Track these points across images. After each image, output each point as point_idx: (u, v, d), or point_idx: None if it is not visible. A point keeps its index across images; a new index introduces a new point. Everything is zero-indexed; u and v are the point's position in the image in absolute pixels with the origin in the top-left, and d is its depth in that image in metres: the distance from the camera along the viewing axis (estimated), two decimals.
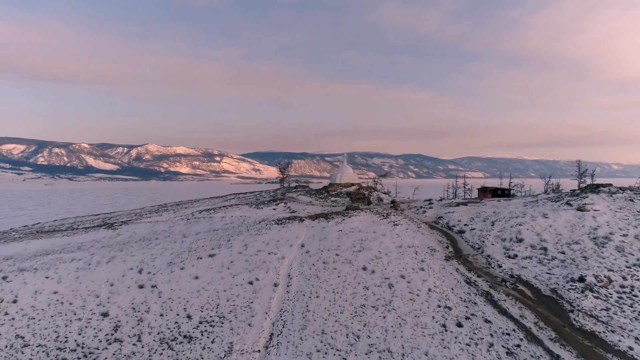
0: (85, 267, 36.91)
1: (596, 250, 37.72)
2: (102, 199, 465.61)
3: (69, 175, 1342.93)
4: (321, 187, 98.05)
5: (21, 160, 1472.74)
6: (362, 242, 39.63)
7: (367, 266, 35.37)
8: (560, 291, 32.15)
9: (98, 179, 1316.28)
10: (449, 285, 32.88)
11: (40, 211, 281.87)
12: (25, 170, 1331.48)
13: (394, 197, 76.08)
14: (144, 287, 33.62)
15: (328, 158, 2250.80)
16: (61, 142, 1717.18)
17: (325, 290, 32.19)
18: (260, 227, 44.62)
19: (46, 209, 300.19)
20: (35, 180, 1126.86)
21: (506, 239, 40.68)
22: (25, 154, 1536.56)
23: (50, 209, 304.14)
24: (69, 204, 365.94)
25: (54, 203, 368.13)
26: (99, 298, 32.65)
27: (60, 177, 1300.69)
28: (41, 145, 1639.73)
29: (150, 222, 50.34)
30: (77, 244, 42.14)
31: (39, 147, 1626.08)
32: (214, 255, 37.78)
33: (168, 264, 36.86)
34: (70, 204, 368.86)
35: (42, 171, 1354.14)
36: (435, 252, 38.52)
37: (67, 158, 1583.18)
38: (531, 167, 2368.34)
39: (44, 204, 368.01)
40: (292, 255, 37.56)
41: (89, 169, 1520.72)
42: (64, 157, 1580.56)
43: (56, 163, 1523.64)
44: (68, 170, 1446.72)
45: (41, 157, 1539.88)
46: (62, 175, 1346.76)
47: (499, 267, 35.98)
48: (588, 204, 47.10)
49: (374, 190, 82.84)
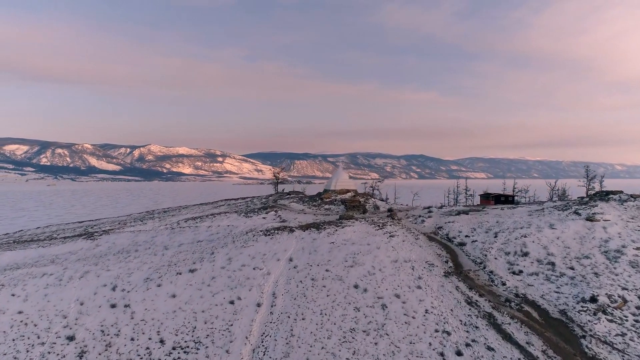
0: (55, 284, 34.29)
1: (608, 266, 34.83)
2: (104, 199, 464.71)
3: (71, 176, 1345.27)
4: (316, 192, 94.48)
5: (24, 160, 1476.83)
6: (355, 256, 36.83)
7: (359, 284, 32.58)
8: (571, 313, 29.29)
9: (101, 180, 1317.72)
10: (448, 306, 30.06)
11: (41, 212, 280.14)
12: (28, 171, 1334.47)
13: (391, 205, 73.05)
14: (116, 307, 30.94)
15: (330, 158, 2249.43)
16: (64, 142, 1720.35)
17: (312, 312, 29.42)
18: (247, 238, 41.87)
19: (47, 210, 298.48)
20: (38, 181, 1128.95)
21: (510, 252, 37.80)
22: (28, 155, 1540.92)
23: (52, 210, 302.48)
24: (70, 204, 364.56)
25: (56, 204, 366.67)
26: (66, 319, 30.00)
27: (63, 178, 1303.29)
28: (44, 145, 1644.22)
29: (133, 232, 47.72)
30: (52, 257, 39.54)
31: (42, 148, 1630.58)
32: (195, 270, 35.07)
33: (145, 280, 34.18)
34: (71, 204, 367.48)
35: (45, 172, 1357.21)
36: (434, 268, 35.68)
37: (70, 159, 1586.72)
38: (534, 168, 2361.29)
39: (46, 204, 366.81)
40: (278, 271, 34.81)
41: (92, 170, 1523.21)
42: (66, 158, 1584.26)
43: (59, 164, 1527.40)
44: (71, 171, 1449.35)
45: (44, 158, 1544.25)
46: (64, 175, 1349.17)
47: (502, 285, 33.12)
48: (598, 213, 44.17)
49: (370, 197, 79.63)
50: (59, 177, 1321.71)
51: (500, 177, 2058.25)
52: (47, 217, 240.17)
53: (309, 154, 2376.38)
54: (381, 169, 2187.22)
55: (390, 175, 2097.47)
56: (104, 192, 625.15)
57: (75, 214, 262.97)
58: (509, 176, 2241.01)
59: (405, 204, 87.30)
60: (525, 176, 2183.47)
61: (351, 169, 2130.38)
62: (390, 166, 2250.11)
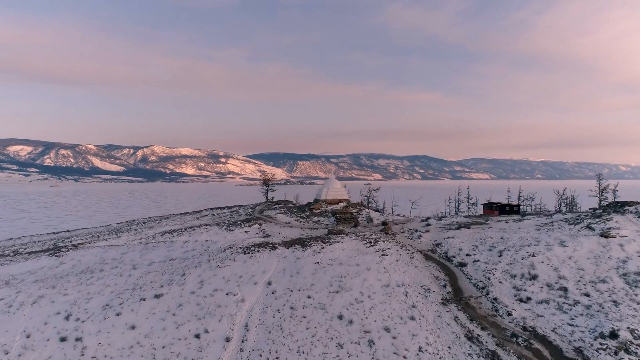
0: (3, 311, 30.51)
1: (628, 292, 30.70)
2: (105, 201, 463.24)
3: (75, 177, 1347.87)
4: (307, 202, 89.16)
5: (28, 161, 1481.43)
6: (342, 279, 32.82)
7: (344, 314, 28.60)
8: (588, 352, 25.19)
9: (104, 181, 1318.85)
10: (445, 342, 26.02)
11: (41, 214, 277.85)
12: (32, 172, 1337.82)
13: (386, 217, 68.42)
14: (67, 340, 27.10)
15: (333, 159, 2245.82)
16: (68, 143, 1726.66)
17: (289, 349, 25.47)
18: (225, 256, 37.90)
19: (48, 211, 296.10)
20: (41, 182, 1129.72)
21: (517, 275, 33.68)
22: (32, 156, 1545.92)
23: (52, 211, 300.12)
24: (72, 206, 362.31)
25: (57, 205, 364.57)
26: (7, 355, 26.17)
27: (67, 179, 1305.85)
28: (48, 146, 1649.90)
29: (103, 247, 43.94)
30: (7, 277, 35.82)
31: (45, 149, 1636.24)
32: (161, 295, 31.19)
33: (103, 308, 30.32)
34: (73, 206, 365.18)
35: (49, 172, 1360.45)
36: (430, 294, 31.62)
37: (74, 159, 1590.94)
38: (537, 169, 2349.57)
39: (47, 206, 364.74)
40: (254, 297, 30.87)
41: (95, 170, 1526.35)
42: (70, 159, 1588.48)
43: (63, 164, 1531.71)
44: (74, 172, 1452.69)
45: (48, 159, 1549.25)
46: (68, 176, 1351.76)
47: (508, 316, 29.03)
48: (613, 228, 39.97)
49: (364, 207, 75.01)
50: (63, 177, 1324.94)
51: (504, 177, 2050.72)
52: (47, 219, 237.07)
53: (311, 155, 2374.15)
54: (384, 169, 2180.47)
55: (394, 176, 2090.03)
56: (106, 194, 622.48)
57: (76, 216, 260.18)
58: (512, 177, 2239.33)
59: (402, 214, 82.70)
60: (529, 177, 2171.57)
61: (354, 170, 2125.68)
62: (394, 167, 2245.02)
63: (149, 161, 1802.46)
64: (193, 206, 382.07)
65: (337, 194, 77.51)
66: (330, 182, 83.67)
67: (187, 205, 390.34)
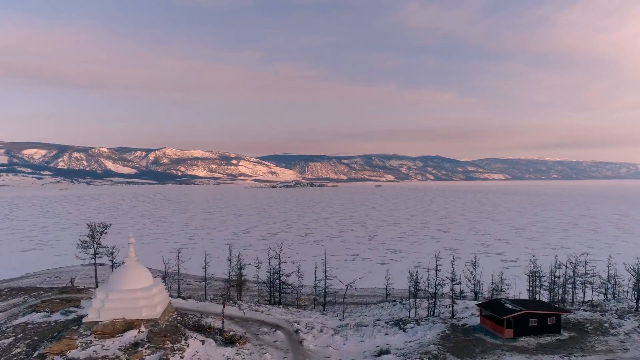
0: None
1: None
2: (106, 205, 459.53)
3: (87, 180, 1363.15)
4: None
5: (42, 164, 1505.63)
6: None
7: None
8: None
9: (115, 183, 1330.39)
10: None
11: (29, 222, 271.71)
12: (45, 175, 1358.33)
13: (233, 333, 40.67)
14: None
15: (345, 160, 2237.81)
16: (81, 146, 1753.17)
17: None
18: None
19: (37, 219, 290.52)
20: (53, 185, 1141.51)
21: None
22: (46, 159, 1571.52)
23: (44, 219, 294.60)
24: (67, 212, 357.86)
25: (53, 211, 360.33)
26: None
27: (79, 182, 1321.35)
28: (61, 149, 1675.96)
29: None
30: None
31: (59, 152, 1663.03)
32: None
33: None
34: (68, 212, 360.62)
35: (62, 175, 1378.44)
36: None
37: (87, 162, 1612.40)
38: (553, 169, 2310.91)
39: (43, 212, 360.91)
40: None
41: (108, 173, 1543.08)
42: (83, 162, 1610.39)
43: (76, 167, 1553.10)
44: (87, 175, 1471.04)
45: (61, 162, 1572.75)
46: (80, 179, 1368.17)
47: None
48: None
49: (200, 329, 41.89)
50: (75, 180, 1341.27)
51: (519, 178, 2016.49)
52: (30, 229, 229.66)
53: (323, 156, 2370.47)
54: (396, 170, 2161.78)
55: (406, 177, 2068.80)
56: (110, 197, 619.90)
57: (65, 224, 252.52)
58: (527, 177, 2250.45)
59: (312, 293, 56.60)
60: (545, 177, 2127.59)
61: (366, 171, 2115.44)
62: (406, 168, 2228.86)
63: (161, 163, 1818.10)
64: (192, 211, 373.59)
65: (131, 306, 39.10)
66: (123, 271, 42.87)
67: (186, 210, 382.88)
